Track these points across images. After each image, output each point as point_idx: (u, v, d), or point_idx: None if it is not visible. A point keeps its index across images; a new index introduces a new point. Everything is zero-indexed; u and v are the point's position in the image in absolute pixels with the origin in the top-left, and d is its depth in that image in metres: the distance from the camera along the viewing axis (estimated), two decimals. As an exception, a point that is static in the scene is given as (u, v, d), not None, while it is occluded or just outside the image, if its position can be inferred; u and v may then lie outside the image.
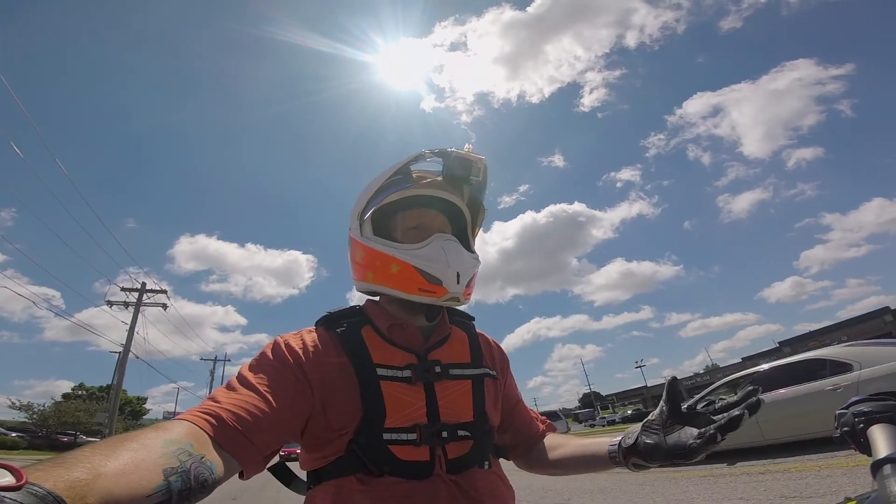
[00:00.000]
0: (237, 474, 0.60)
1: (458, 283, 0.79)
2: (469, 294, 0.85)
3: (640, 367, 61.45)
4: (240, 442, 0.58)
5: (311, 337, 0.76)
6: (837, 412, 0.69)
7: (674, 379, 0.70)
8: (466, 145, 0.86)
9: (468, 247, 0.90)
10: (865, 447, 0.62)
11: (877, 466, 0.53)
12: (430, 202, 0.87)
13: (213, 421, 0.57)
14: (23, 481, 0.32)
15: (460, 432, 0.73)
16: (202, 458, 0.50)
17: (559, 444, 0.91)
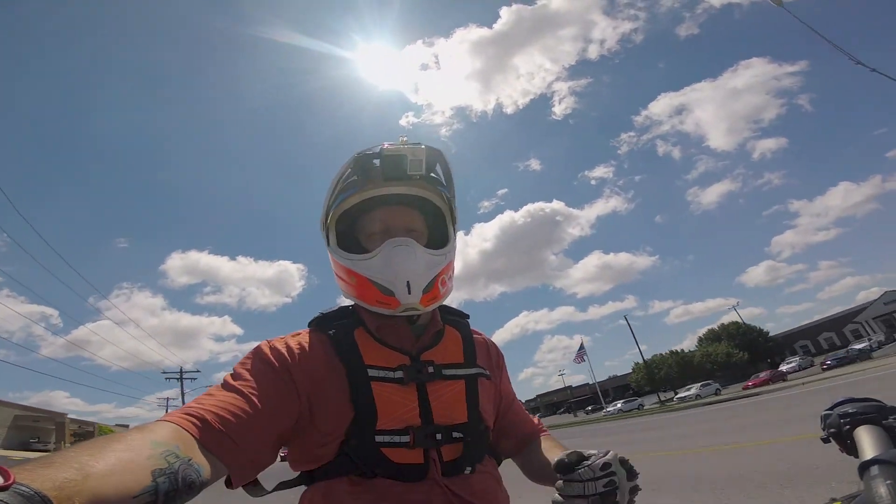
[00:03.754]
0: (225, 483, 0.59)
1: (409, 292, 0.74)
2: (434, 298, 0.79)
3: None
4: (225, 444, 0.57)
5: (299, 339, 0.75)
6: (822, 413, 0.69)
7: (558, 462, 0.61)
8: (401, 137, 0.77)
9: (441, 241, 0.84)
10: (852, 448, 0.62)
11: (864, 467, 0.54)
12: (395, 198, 0.80)
13: (198, 423, 0.56)
14: (10, 481, 0.32)
15: (454, 434, 0.72)
16: (190, 460, 0.49)
17: (549, 448, 0.86)
